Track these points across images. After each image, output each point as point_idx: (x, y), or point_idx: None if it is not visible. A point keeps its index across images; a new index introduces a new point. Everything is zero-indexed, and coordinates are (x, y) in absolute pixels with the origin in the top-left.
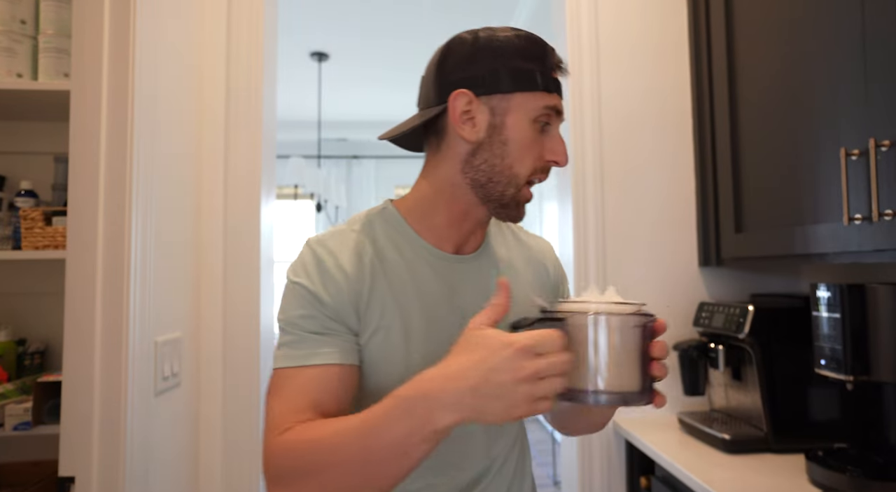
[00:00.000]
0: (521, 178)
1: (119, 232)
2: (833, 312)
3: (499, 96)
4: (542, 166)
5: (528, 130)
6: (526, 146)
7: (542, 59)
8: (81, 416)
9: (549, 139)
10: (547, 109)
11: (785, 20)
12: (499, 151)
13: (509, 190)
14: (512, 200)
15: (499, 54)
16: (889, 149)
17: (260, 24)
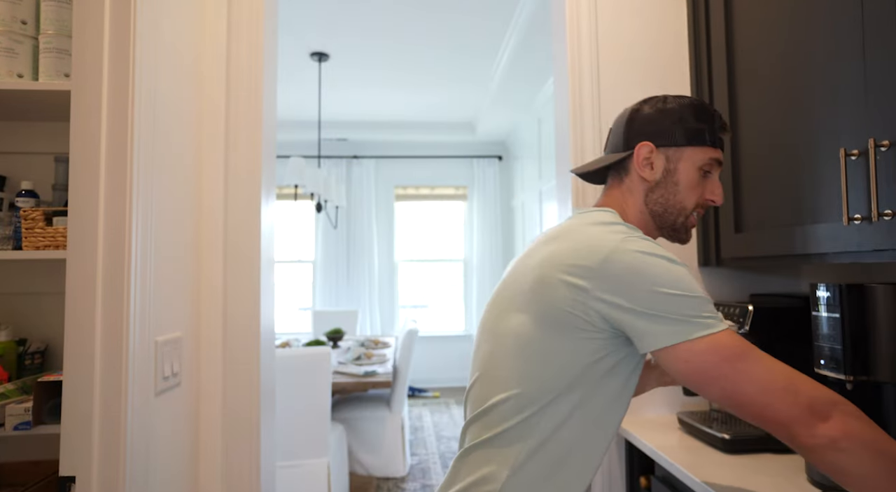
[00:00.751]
0: (689, 210)
1: (119, 232)
2: (833, 312)
3: (674, 149)
4: (703, 203)
5: (695, 175)
6: (692, 187)
7: (711, 122)
8: (82, 415)
9: (710, 183)
10: (711, 161)
11: (785, 20)
12: (672, 190)
13: (679, 219)
14: (682, 226)
15: (677, 115)
16: (889, 149)
17: (260, 24)
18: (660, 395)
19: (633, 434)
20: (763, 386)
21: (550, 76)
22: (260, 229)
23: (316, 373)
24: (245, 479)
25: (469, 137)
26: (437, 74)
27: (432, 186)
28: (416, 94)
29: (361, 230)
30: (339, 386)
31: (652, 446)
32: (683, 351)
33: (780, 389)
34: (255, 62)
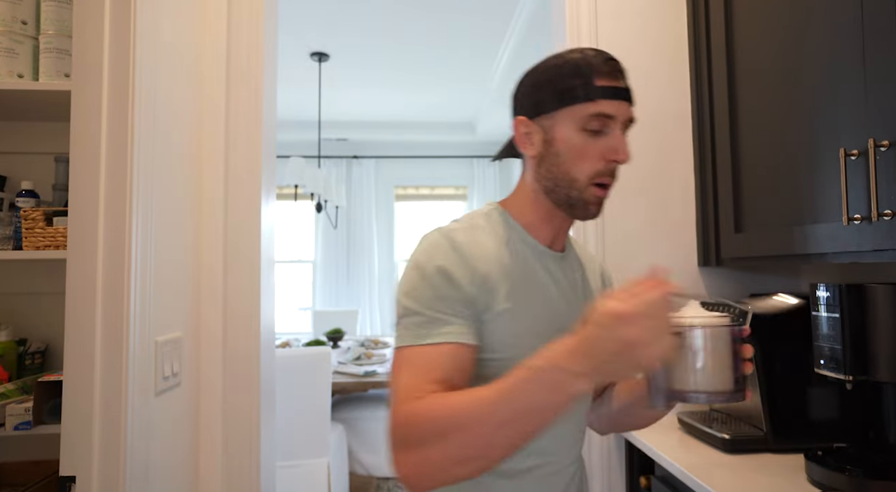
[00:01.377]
0: (581, 181)
1: (119, 232)
2: (832, 312)
3: (546, 116)
4: (604, 167)
5: (577, 138)
6: (577, 154)
7: (584, 74)
8: (82, 415)
9: (606, 141)
10: (593, 117)
11: (784, 20)
12: (554, 161)
13: (572, 192)
14: (578, 201)
15: (546, 80)
16: (888, 149)
17: (260, 24)
18: None
19: (634, 434)
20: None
21: None
22: (260, 229)
23: (316, 373)
24: (245, 479)
25: (469, 137)
26: (437, 74)
27: (432, 186)
28: (416, 94)
29: (361, 230)
30: (339, 386)
31: (652, 446)
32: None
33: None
34: (255, 62)
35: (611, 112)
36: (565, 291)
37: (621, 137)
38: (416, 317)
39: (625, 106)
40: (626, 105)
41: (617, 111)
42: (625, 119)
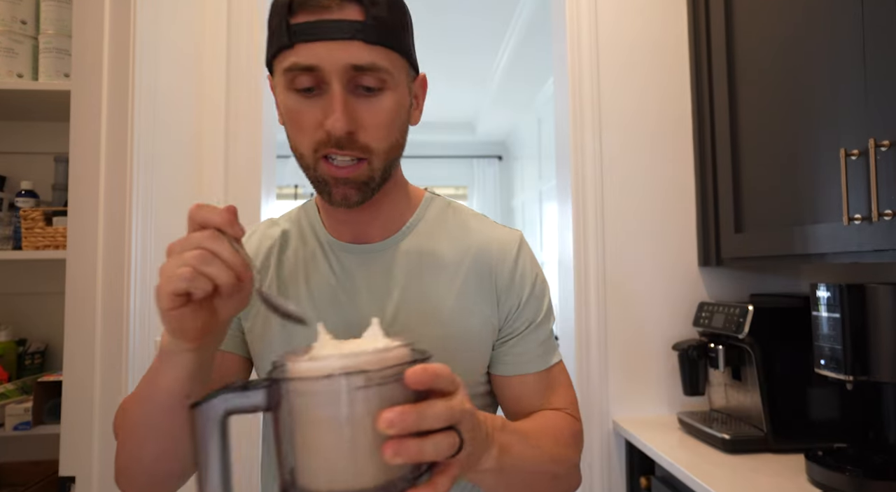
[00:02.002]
0: (307, 156)
1: (119, 232)
2: (833, 312)
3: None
4: (325, 137)
5: (288, 101)
6: (293, 120)
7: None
8: (81, 416)
9: (321, 103)
10: (290, 72)
11: (785, 20)
12: (287, 133)
13: (308, 173)
14: (315, 182)
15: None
16: (889, 149)
17: (260, 24)
18: (660, 395)
19: (633, 434)
20: None
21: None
22: None
23: None
24: (245, 478)
25: (469, 136)
26: (436, 74)
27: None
28: None
29: None
30: None
31: (652, 446)
32: None
33: None
34: (255, 62)
35: (310, 61)
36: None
37: (336, 96)
38: None
39: (337, 47)
40: (342, 45)
41: (321, 58)
42: (341, 68)
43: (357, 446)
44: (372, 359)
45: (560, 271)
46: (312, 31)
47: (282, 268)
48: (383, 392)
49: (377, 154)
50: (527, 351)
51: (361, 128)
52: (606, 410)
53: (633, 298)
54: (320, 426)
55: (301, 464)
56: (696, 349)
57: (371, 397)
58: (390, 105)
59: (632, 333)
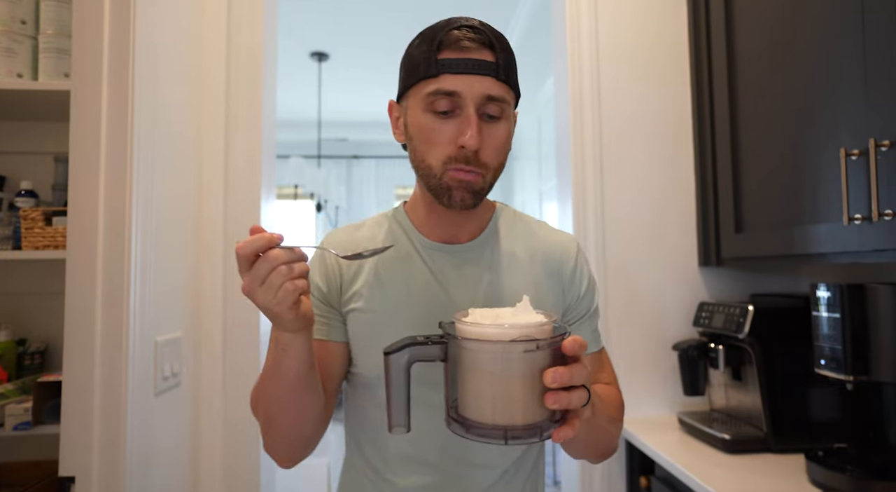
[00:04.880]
0: (435, 168)
1: (119, 232)
2: (833, 312)
3: (403, 99)
4: (456, 153)
5: (424, 120)
6: (426, 137)
7: (426, 48)
8: (81, 416)
9: (457, 123)
10: (432, 96)
11: (785, 20)
12: (413, 147)
13: (431, 181)
14: (438, 188)
15: (403, 59)
16: (889, 149)
17: (260, 24)
18: (660, 395)
19: (634, 434)
20: None
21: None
22: None
23: None
24: (245, 479)
25: None
26: None
27: None
28: None
29: None
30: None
31: (652, 446)
32: None
33: None
34: (255, 62)
35: (453, 88)
36: (456, 289)
37: (472, 119)
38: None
39: (476, 80)
40: (479, 79)
41: (462, 87)
42: (477, 96)
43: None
44: (536, 331)
45: None
46: (458, 66)
47: (379, 265)
48: (538, 355)
49: (491, 170)
50: (584, 335)
51: (483, 148)
52: None
53: (633, 298)
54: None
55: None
56: (696, 349)
57: (532, 358)
58: (505, 132)
59: (632, 333)
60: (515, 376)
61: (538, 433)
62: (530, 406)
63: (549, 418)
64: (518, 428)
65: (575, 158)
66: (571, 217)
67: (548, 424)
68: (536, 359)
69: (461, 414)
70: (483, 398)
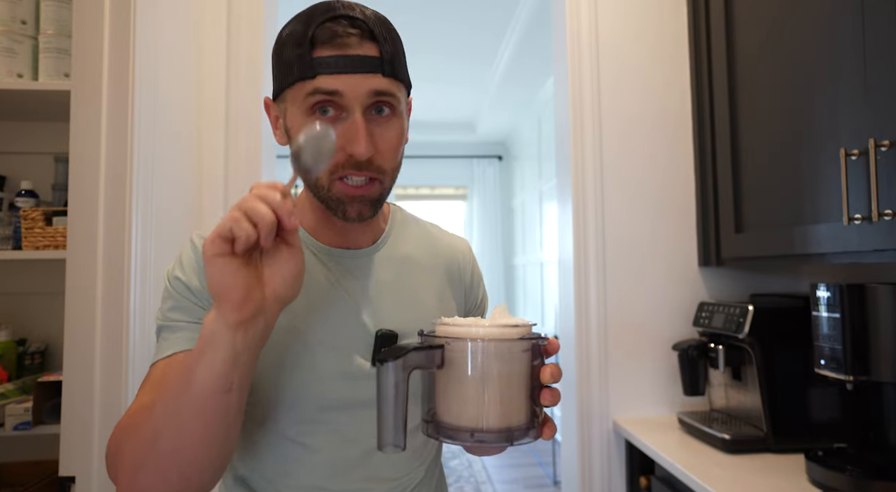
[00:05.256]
0: (322, 177)
1: (119, 232)
2: (833, 312)
3: (280, 98)
4: (344, 159)
5: (305, 125)
6: None
7: (301, 41)
8: (81, 416)
9: (342, 129)
10: (312, 98)
11: (785, 20)
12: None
13: (320, 191)
14: (329, 200)
15: (276, 52)
16: (889, 149)
17: (260, 24)
18: (660, 395)
19: (634, 434)
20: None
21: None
22: None
23: None
24: None
25: (469, 136)
26: (437, 74)
27: (432, 186)
28: (416, 94)
29: None
30: None
31: (652, 446)
32: None
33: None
34: (255, 62)
35: (334, 88)
36: (359, 294)
37: (359, 123)
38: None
39: (360, 79)
40: (363, 77)
41: (345, 87)
42: (362, 96)
43: (515, 394)
44: (526, 331)
45: (560, 271)
46: (335, 64)
47: None
48: (528, 356)
49: (388, 174)
50: None
51: (376, 152)
52: (606, 410)
53: (633, 298)
54: (494, 378)
55: (460, 408)
56: (696, 349)
57: (528, 358)
58: (398, 130)
59: (632, 333)
60: (515, 375)
61: (531, 432)
62: (525, 405)
63: (534, 416)
64: (521, 428)
65: (575, 158)
66: (571, 217)
67: (535, 422)
68: (526, 359)
69: (453, 423)
70: (490, 402)
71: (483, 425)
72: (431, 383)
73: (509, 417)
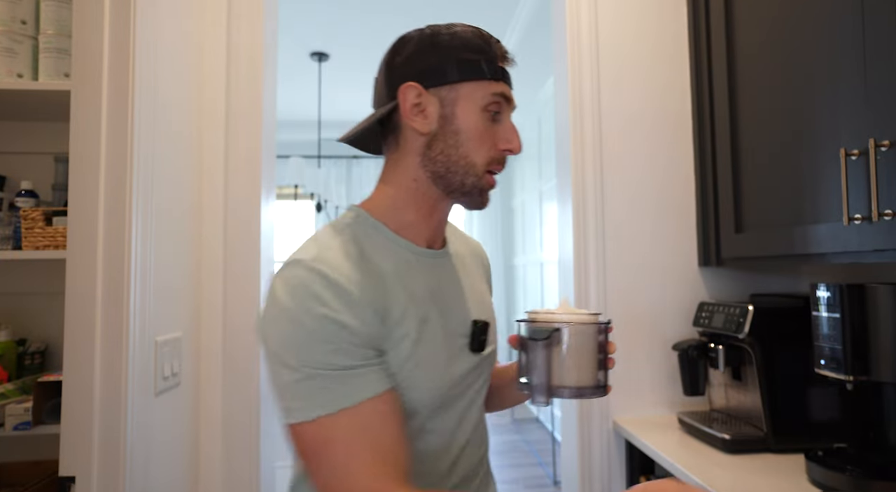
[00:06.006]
0: (479, 167)
1: (119, 232)
2: (833, 312)
3: (447, 87)
4: (498, 156)
5: (479, 118)
6: (478, 135)
7: (486, 50)
8: (81, 416)
9: (501, 128)
10: (496, 97)
11: (785, 20)
12: (452, 141)
13: (469, 179)
14: (474, 188)
15: (444, 47)
16: (889, 149)
17: (260, 24)
18: (660, 395)
19: (633, 434)
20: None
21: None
22: (260, 229)
23: None
24: (245, 479)
25: None
26: None
27: None
28: None
29: None
30: None
31: (652, 446)
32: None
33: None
34: (255, 62)
35: (510, 95)
36: (451, 298)
37: (513, 127)
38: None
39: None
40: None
41: (512, 96)
42: (513, 107)
43: (597, 362)
44: (597, 317)
45: (560, 271)
46: (508, 77)
47: (389, 279)
48: (602, 335)
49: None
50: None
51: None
52: (606, 410)
53: (633, 299)
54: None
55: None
56: (696, 349)
57: (599, 337)
58: None
59: (632, 332)
60: (597, 348)
61: (607, 387)
62: (601, 368)
63: (606, 375)
64: (601, 385)
65: (575, 158)
66: (571, 217)
67: (607, 379)
68: (602, 337)
69: (562, 384)
70: (587, 367)
71: (583, 383)
72: (546, 356)
73: (596, 377)
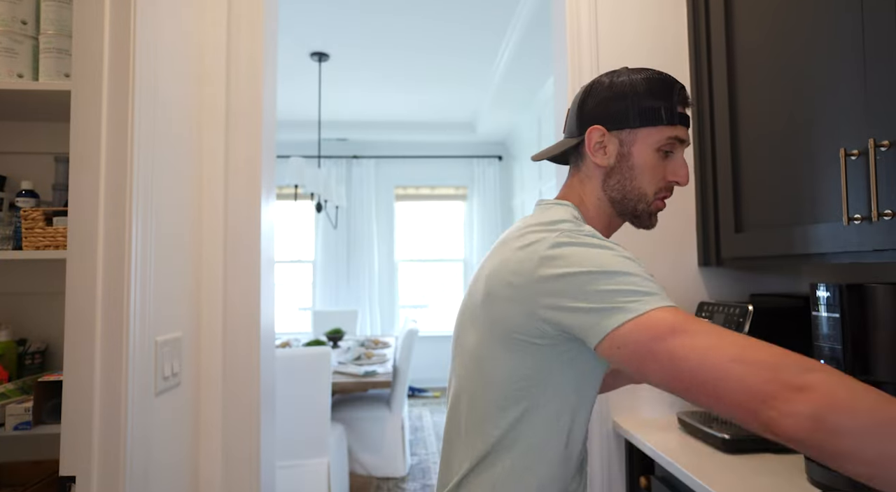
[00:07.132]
0: (649, 195)
1: (119, 232)
2: (833, 312)
3: (627, 130)
4: (666, 185)
5: (652, 157)
6: (650, 170)
7: (668, 98)
8: (82, 415)
9: (671, 162)
10: (670, 140)
11: (785, 20)
12: (628, 175)
13: (640, 205)
14: (644, 212)
15: (629, 95)
16: (889, 149)
17: (260, 24)
18: (660, 395)
19: (633, 434)
20: (706, 360)
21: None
22: (260, 229)
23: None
24: (245, 479)
25: (469, 136)
26: (437, 74)
27: (432, 186)
28: (416, 94)
29: (361, 230)
30: (339, 386)
31: (652, 446)
32: (616, 339)
33: (729, 360)
34: (255, 62)
35: (684, 137)
36: None
37: (684, 161)
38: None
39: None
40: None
41: (687, 137)
42: (687, 144)
43: None
44: None
45: None
46: (688, 121)
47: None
48: None
49: None
50: None
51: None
52: (606, 410)
53: None
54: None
55: None
56: None
57: None
58: None
59: None
60: None
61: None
62: None
63: None
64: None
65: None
66: None
67: None
68: None
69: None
70: None
71: None
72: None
73: None
